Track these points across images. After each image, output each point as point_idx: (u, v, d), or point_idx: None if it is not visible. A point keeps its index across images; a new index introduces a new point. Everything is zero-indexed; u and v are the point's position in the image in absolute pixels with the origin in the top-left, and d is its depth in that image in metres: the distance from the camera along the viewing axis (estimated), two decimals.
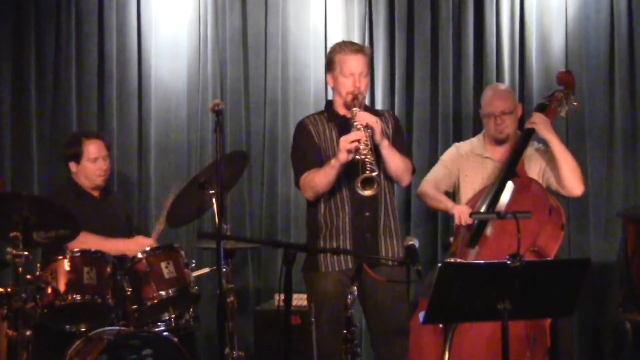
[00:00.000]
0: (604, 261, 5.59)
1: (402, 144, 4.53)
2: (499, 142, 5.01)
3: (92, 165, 5.05)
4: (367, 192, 4.10)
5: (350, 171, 4.23)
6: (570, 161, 4.85)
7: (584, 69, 5.64)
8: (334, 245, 4.36)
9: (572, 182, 4.83)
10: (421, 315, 3.81)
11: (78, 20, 6.11)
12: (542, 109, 5.00)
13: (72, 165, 5.08)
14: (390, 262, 4.35)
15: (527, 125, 4.90)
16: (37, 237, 4.34)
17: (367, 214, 4.37)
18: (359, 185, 4.08)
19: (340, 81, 4.40)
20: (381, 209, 4.41)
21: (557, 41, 5.69)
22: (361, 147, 4.12)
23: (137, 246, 4.86)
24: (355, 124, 4.21)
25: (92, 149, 5.06)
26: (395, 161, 4.36)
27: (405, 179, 4.48)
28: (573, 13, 5.68)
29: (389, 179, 4.44)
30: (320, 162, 4.37)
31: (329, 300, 4.29)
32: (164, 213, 4.88)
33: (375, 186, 4.09)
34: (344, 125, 4.34)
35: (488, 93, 5.10)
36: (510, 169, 4.84)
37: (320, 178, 4.31)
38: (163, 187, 5.88)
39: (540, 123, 4.87)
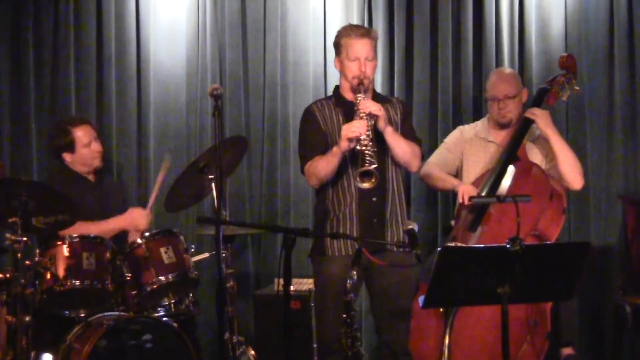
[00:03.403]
0: (603, 244, 5.58)
1: (410, 129, 4.50)
2: (502, 126, 5.00)
3: (87, 150, 5.04)
4: (366, 185, 4.08)
5: (357, 157, 4.18)
6: (570, 157, 4.84)
7: (584, 53, 5.62)
8: (341, 230, 4.33)
9: (571, 177, 4.82)
10: (421, 299, 3.82)
11: (76, 5, 6.09)
12: (544, 93, 4.99)
13: (67, 156, 5.05)
14: (393, 248, 4.31)
15: (527, 115, 4.87)
16: (36, 223, 4.33)
17: (374, 199, 4.33)
18: (357, 178, 4.07)
19: (347, 65, 4.36)
20: (388, 194, 4.37)
21: (557, 24, 5.67)
22: (362, 137, 4.09)
23: (132, 219, 4.93)
24: (359, 112, 4.18)
25: (82, 134, 5.05)
26: (401, 147, 4.32)
27: (414, 165, 4.44)
28: None
29: (397, 164, 4.41)
30: (325, 149, 4.34)
31: (334, 284, 4.24)
32: (158, 183, 4.90)
33: (373, 180, 4.06)
34: (351, 111, 4.30)
35: (492, 77, 5.09)
36: (511, 153, 4.83)
37: (323, 165, 4.28)
38: None
39: (540, 117, 4.85)
